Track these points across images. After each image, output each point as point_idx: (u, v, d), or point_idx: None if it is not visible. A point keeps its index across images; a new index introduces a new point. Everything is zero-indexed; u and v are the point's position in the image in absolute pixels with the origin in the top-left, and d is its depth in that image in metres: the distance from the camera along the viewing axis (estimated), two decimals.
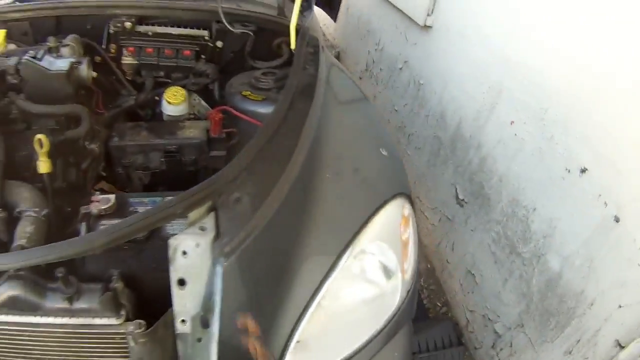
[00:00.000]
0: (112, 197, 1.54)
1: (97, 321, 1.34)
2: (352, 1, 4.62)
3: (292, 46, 1.95)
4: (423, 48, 3.30)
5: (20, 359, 1.41)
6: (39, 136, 1.66)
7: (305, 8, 2.04)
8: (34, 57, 1.81)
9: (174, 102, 1.94)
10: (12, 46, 2.01)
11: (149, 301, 1.40)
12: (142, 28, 2.15)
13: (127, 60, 2.14)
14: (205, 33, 2.18)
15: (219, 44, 2.21)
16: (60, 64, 1.81)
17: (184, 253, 1.32)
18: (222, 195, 1.39)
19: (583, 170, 1.91)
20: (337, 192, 1.57)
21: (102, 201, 1.52)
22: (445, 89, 2.98)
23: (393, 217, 1.60)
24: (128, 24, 2.11)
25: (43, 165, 1.67)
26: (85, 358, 1.39)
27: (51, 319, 1.35)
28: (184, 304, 1.35)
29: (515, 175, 2.34)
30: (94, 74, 1.92)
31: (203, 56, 2.20)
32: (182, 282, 1.33)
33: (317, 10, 2.17)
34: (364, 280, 1.51)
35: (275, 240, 1.42)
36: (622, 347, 1.76)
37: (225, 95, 2.04)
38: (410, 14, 3.39)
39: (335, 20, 2.23)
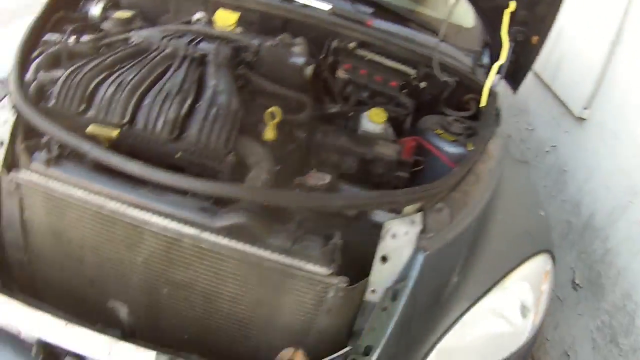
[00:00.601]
0: (327, 176, 1.79)
1: (310, 267, 1.59)
2: None
3: (482, 104, 2.23)
4: (574, 138, 3.52)
5: (219, 284, 1.65)
6: (273, 109, 1.91)
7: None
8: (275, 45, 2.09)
9: (376, 120, 2.19)
10: (238, 30, 2.23)
11: (343, 268, 1.63)
12: (361, 51, 2.42)
13: (342, 74, 2.38)
14: (413, 72, 2.43)
15: (423, 84, 2.44)
16: (297, 59, 2.09)
17: (394, 236, 1.65)
18: (431, 201, 1.73)
19: None
20: (501, 234, 1.84)
21: (319, 177, 1.78)
22: (587, 180, 3.21)
23: (539, 267, 1.85)
24: (352, 45, 2.39)
25: (270, 134, 1.92)
26: (281, 296, 1.64)
27: (267, 253, 1.59)
28: (380, 276, 1.64)
29: (634, 271, 2.55)
30: None
31: (405, 90, 2.44)
32: (384, 259, 1.65)
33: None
34: (501, 316, 1.73)
35: (455, 253, 1.71)
36: None
37: (418, 129, 2.29)
38: (568, 103, 3.63)
39: (515, 92, 2.51)
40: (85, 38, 2.22)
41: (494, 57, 2.53)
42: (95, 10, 2.39)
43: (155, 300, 1.72)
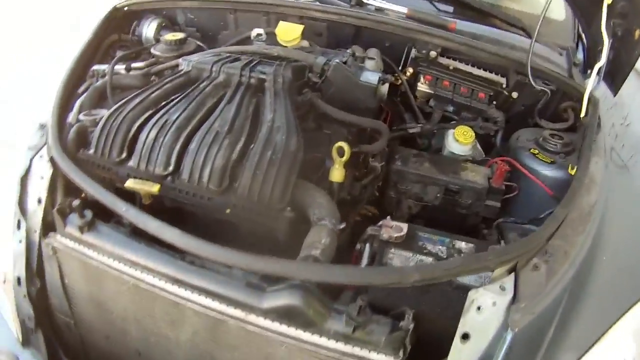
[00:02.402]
0: (404, 226, 1.62)
1: (374, 356, 1.40)
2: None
3: (582, 114, 2.03)
4: None
5: None
6: (340, 144, 1.73)
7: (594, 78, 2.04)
8: (344, 63, 1.93)
9: (462, 141, 2.06)
10: (304, 43, 2.12)
11: (420, 342, 1.46)
12: (444, 60, 2.24)
13: (423, 87, 2.22)
14: (503, 81, 2.24)
15: (514, 94, 2.26)
16: (371, 77, 1.91)
17: (479, 308, 1.40)
18: (524, 259, 1.49)
19: None
20: (602, 279, 1.59)
21: (395, 229, 1.60)
22: None
23: None
24: (433, 53, 2.20)
25: (337, 174, 1.75)
26: None
27: (323, 340, 1.43)
28: (460, 357, 1.40)
29: None
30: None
31: (494, 102, 2.25)
32: (465, 336, 1.40)
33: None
34: None
35: (549, 320, 1.46)
36: None
37: (510, 147, 2.10)
38: None
39: (614, 95, 2.33)
40: (136, 65, 2.10)
41: (590, 54, 2.42)
42: (148, 31, 2.29)
43: None
